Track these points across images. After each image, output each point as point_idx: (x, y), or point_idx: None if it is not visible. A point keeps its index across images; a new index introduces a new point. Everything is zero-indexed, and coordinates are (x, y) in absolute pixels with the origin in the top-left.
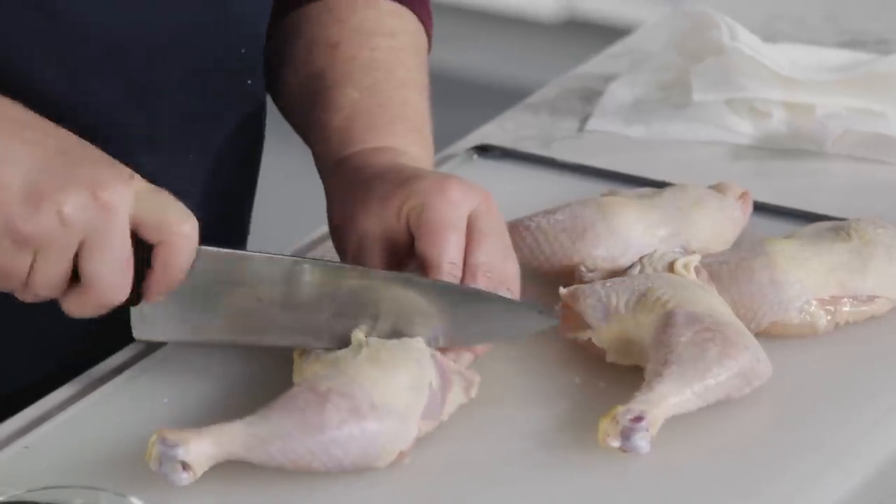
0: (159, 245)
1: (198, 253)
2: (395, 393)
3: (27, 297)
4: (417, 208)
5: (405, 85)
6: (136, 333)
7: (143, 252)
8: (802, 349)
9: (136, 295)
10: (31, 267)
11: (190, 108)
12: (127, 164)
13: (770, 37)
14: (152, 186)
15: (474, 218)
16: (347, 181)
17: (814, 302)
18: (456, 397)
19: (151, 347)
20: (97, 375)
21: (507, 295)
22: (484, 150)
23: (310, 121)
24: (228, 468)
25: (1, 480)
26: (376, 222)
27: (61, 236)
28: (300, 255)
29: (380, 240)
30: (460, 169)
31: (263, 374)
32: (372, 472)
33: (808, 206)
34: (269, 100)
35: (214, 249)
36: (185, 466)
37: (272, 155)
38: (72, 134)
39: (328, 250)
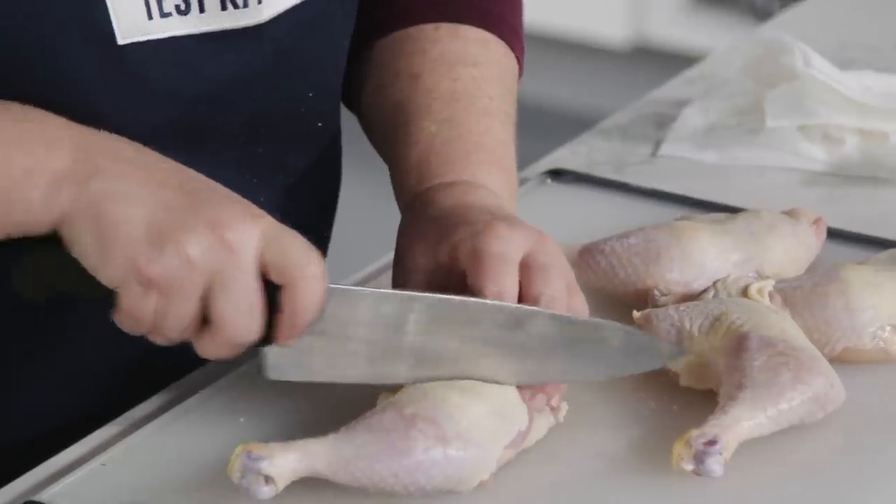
0: (286, 287)
1: (329, 293)
2: (479, 421)
3: (158, 340)
4: (467, 243)
5: (486, 114)
6: (269, 373)
7: (274, 292)
8: (876, 375)
9: (266, 334)
10: (160, 310)
11: (254, 153)
12: None
13: (843, 64)
14: (280, 226)
15: (530, 254)
16: (414, 217)
17: (887, 328)
18: (540, 425)
19: (228, 366)
20: (174, 394)
21: None
22: (557, 175)
23: (391, 155)
24: (302, 487)
25: (78, 498)
26: (424, 261)
27: (186, 278)
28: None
29: (426, 278)
30: (534, 193)
31: (341, 396)
32: (450, 495)
33: (881, 233)
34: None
35: (345, 288)
36: (267, 480)
37: (351, 179)
38: (196, 173)
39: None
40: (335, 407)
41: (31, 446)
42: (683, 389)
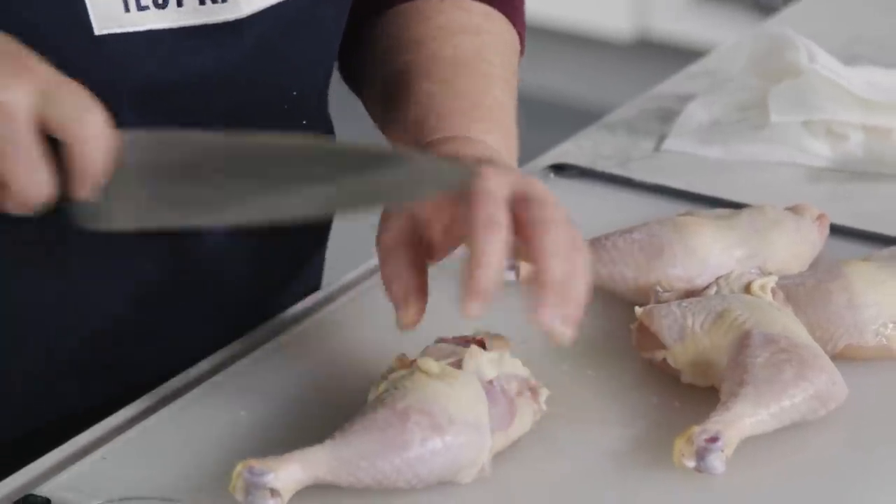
0: (68, 145)
1: (129, 141)
2: (467, 405)
3: None
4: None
5: (486, 78)
6: (80, 220)
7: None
8: (878, 371)
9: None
10: None
11: None
12: None
13: (849, 59)
14: (59, 80)
15: (520, 192)
16: None
17: (890, 324)
18: (524, 414)
19: (229, 360)
20: (175, 387)
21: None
22: (561, 169)
23: (390, 118)
24: (303, 494)
25: (78, 490)
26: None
27: None
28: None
29: (405, 223)
30: None
31: (338, 386)
32: (451, 489)
33: (885, 229)
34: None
35: (144, 134)
36: (272, 493)
37: None
38: None
39: None
40: (338, 396)
41: (30, 439)
42: (685, 386)
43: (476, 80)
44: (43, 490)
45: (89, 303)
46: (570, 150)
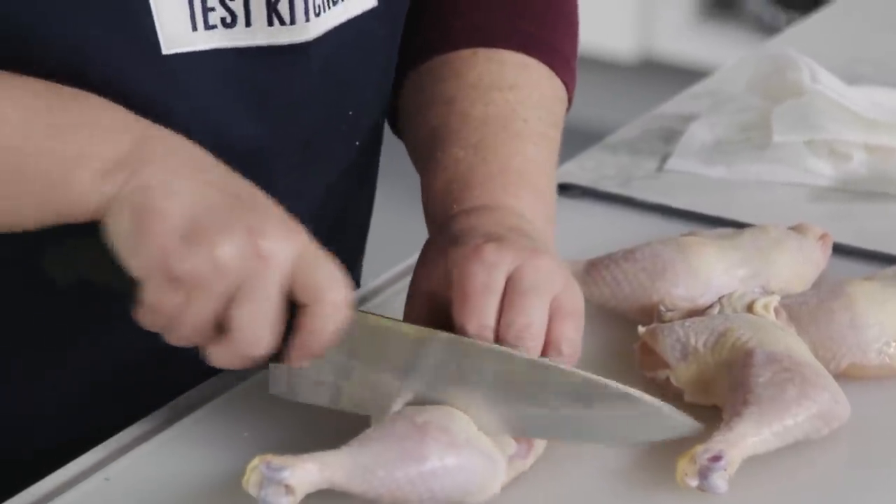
0: (308, 308)
1: (351, 322)
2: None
3: (172, 339)
4: (453, 270)
5: (518, 137)
6: (271, 389)
7: (295, 312)
8: (881, 391)
9: (280, 352)
10: (180, 307)
11: (298, 171)
12: None
13: (852, 79)
14: (316, 246)
15: (514, 275)
16: (430, 244)
17: (893, 343)
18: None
19: (232, 381)
20: (178, 408)
21: (559, 359)
22: (564, 189)
23: (423, 183)
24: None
25: None
26: (426, 285)
27: (213, 280)
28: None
29: (426, 303)
30: None
31: (342, 414)
32: None
33: (888, 249)
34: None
35: (369, 318)
36: (287, 490)
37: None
38: (245, 181)
39: None
40: (338, 422)
41: (33, 461)
42: (688, 405)
43: (507, 141)
44: None
45: (110, 335)
46: (573, 170)
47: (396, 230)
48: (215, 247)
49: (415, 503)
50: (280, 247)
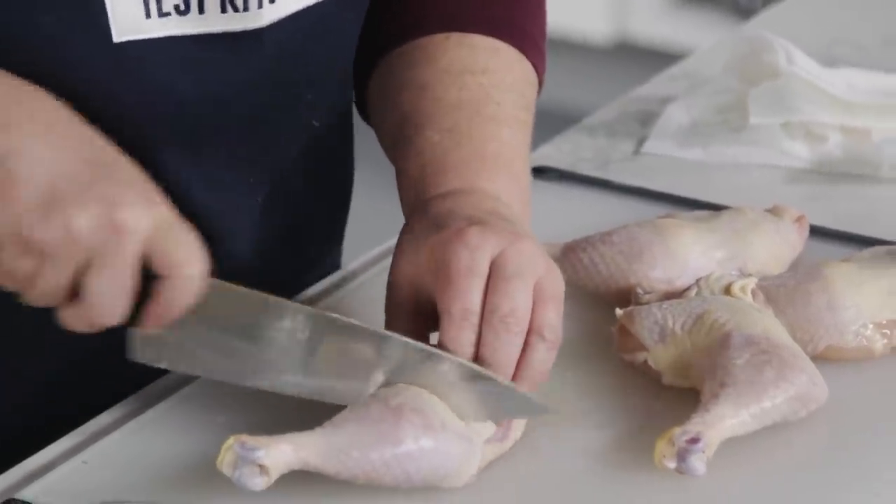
0: (163, 279)
1: (213, 290)
2: (461, 413)
3: (28, 300)
4: (436, 253)
5: (493, 121)
6: (130, 354)
7: (149, 279)
8: (859, 373)
9: (134, 317)
10: (32, 274)
11: (252, 154)
12: (185, 204)
13: (829, 61)
14: (176, 218)
15: (497, 261)
16: (407, 230)
17: (870, 325)
18: (520, 422)
19: None
20: (155, 392)
21: (541, 345)
22: (541, 172)
23: (397, 168)
24: (287, 482)
25: (59, 495)
26: (408, 270)
27: (67, 250)
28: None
29: (409, 289)
30: None
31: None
32: (433, 491)
33: (864, 231)
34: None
35: (233, 291)
36: (261, 470)
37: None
38: (111, 148)
39: None
40: (313, 407)
41: (10, 444)
42: (666, 387)
43: (481, 124)
44: (25, 494)
45: None
46: (550, 153)
47: (376, 213)
48: (70, 217)
49: (390, 485)
50: (136, 218)
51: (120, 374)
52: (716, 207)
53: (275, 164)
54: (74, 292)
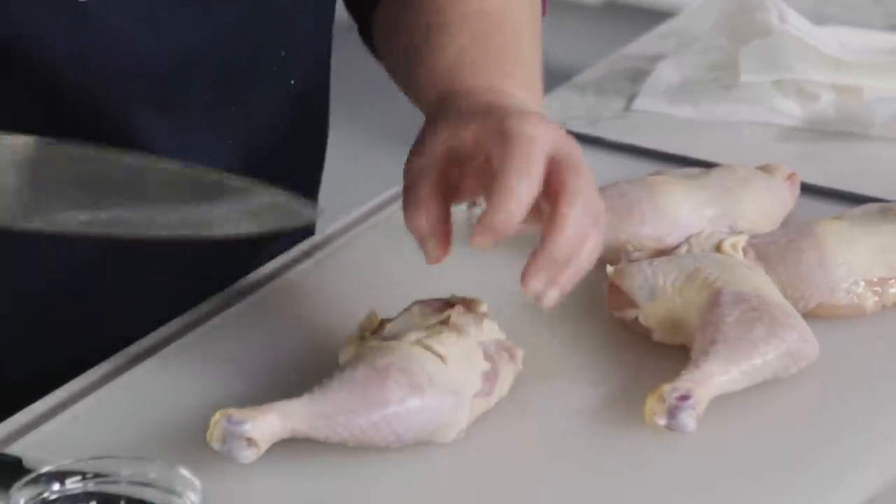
0: None
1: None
2: (448, 368)
3: None
4: (496, 126)
5: (515, 34)
6: None
7: None
8: (850, 330)
9: None
10: None
11: (227, 113)
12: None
13: (819, 20)
14: None
15: (560, 149)
16: (441, 110)
17: (861, 283)
18: (507, 372)
19: (200, 320)
20: (146, 346)
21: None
22: None
23: (417, 66)
24: (278, 448)
25: (49, 450)
26: (446, 135)
27: None
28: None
29: (445, 152)
30: None
31: (307, 350)
32: (424, 448)
33: (855, 188)
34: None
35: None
36: (249, 443)
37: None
38: None
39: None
40: (306, 361)
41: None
42: (657, 344)
43: (506, 36)
44: (14, 449)
45: (57, 258)
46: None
47: (350, 178)
48: None
49: (380, 445)
50: None
51: (111, 327)
52: (706, 165)
53: (250, 125)
54: None
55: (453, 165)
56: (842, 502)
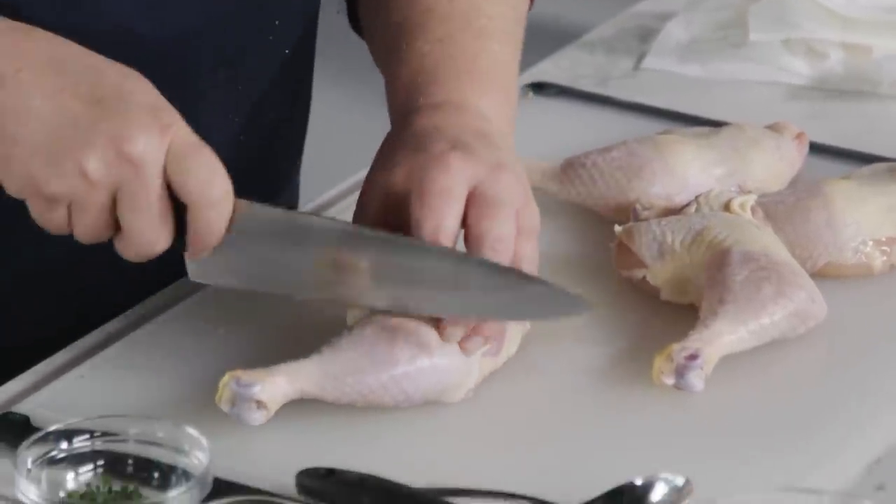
0: (189, 208)
1: (250, 211)
2: None
3: (79, 239)
4: (416, 173)
5: (483, 34)
6: (191, 276)
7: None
8: (858, 289)
9: (185, 242)
10: (71, 219)
11: (231, 89)
12: None
13: None
14: (190, 139)
15: (479, 187)
16: (393, 135)
17: (870, 242)
18: (514, 334)
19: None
20: (154, 305)
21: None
22: (540, 88)
23: (387, 76)
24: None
25: (57, 409)
26: (382, 180)
27: (88, 194)
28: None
29: (381, 198)
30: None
31: (316, 311)
32: (434, 407)
33: (864, 147)
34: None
35: (270, 211)
36: (259, 405)
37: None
38: (117, 74)
39: None
40: (315, 318)
41: (5, 358)
42: (665, 304)
43: (472, 37)
44: (21, 408)
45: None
46: (549, 69)
47: (332, 152)
48: (80, 163)
49: (389, 405)
50: (147, 147)
51: (117, 288)
52: (715, 124)
53: (251, 100)
54: (119, 226)
55: (391, 203)
56: (848, 462)
